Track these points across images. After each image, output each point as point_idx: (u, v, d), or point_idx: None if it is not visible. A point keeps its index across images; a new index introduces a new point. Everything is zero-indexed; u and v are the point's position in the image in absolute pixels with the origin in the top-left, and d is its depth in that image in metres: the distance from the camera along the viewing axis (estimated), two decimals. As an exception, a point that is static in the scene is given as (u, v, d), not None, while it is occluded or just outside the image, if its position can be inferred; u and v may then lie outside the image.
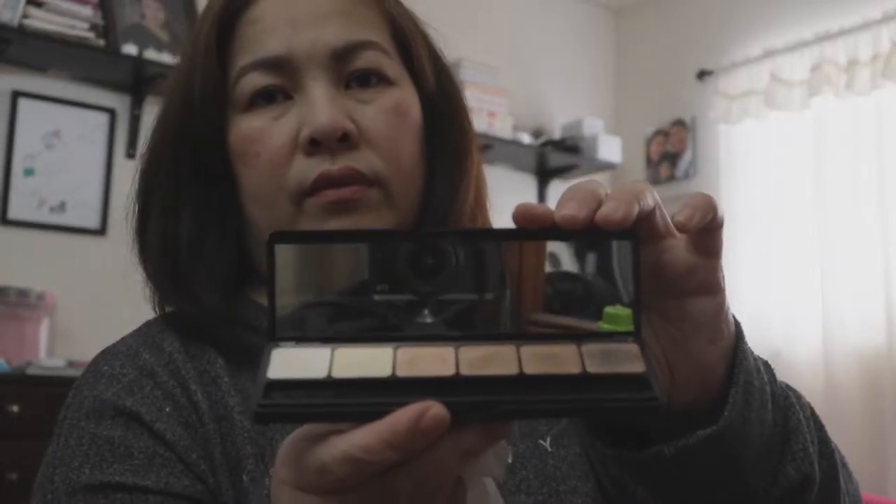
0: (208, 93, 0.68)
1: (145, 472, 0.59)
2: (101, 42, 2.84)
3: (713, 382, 0.49)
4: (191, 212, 0.69)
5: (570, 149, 3.90)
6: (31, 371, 2.45)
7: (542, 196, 4.05)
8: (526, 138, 3.79)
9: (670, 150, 4.16)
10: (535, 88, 4.11)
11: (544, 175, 4.05)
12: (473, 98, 3.44)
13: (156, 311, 0.72)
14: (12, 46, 2.73)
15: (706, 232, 0.46)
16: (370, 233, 0.47)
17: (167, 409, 0.62)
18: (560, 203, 0.43)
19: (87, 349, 0.71)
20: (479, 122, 3.44)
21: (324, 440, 0.38)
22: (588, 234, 0.42)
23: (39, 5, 2.73)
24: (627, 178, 4.31)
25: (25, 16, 2.70)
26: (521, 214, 0.43)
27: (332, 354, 0.40)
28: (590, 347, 0.41)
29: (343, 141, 0.65)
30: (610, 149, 3.94)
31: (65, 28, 2.76)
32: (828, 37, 3.55)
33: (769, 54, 3.74)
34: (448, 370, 0.39)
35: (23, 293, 2.63)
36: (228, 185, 0.69)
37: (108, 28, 2.87)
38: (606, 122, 4.16)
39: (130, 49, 2.84)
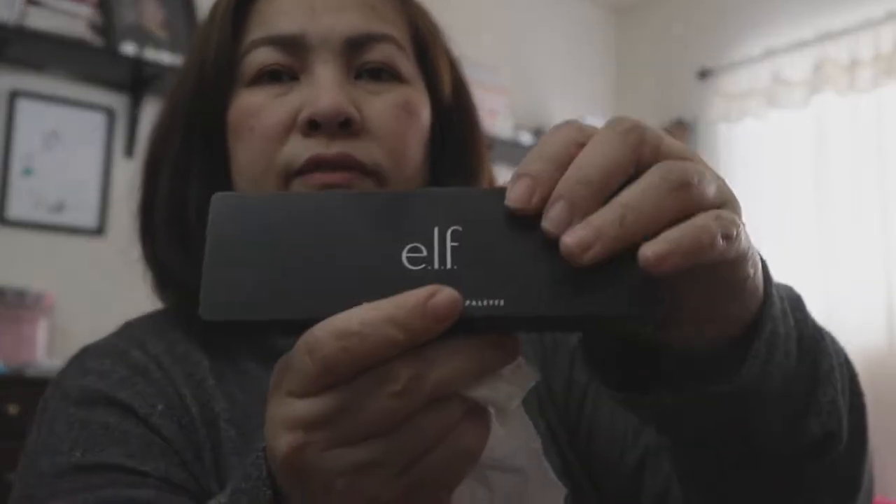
0: (220, 65, 0.66)
1: (143, 459, 0.56)
2: (100, 41, 2.83)
3: (733, 329, 0.42)
4: (199, 184, 0.67)
5: (571, 148, 3.89)
6: (29, 372, 2.44)
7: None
8: (526, 137, 3.78)
9: (671, 150, 4.15)
10: (536, 87, 4.10)
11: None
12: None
13: (155, 293, 0.70)
14: (10, 45, 2.71)
15: (716, 265, 0.37)
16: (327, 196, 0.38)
17: (160, 407, 0.60)
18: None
19: (86, 350, 0.69)
20: (480, 122, 3.43)
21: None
22: None
23: (38, 4, 2.72)
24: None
25: (24, 14, 2.68)
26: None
27: None
28: None
29: (344, 127, 0.62)
30: (610, 148, 3.92)
31: (63, 27, 2.74)
32: (829, 36, 3.55)
33: (770, 54, 3.73)
34: None
35: (21, 293, 2.62)
36: (223, 164, 0.67)
37: (106, 27, 2.86)
38: (607, 122, 4.15)
39: (129, 48, 2.83)
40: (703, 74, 4.00)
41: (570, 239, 0.34)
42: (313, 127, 0.62)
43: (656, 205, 0.35)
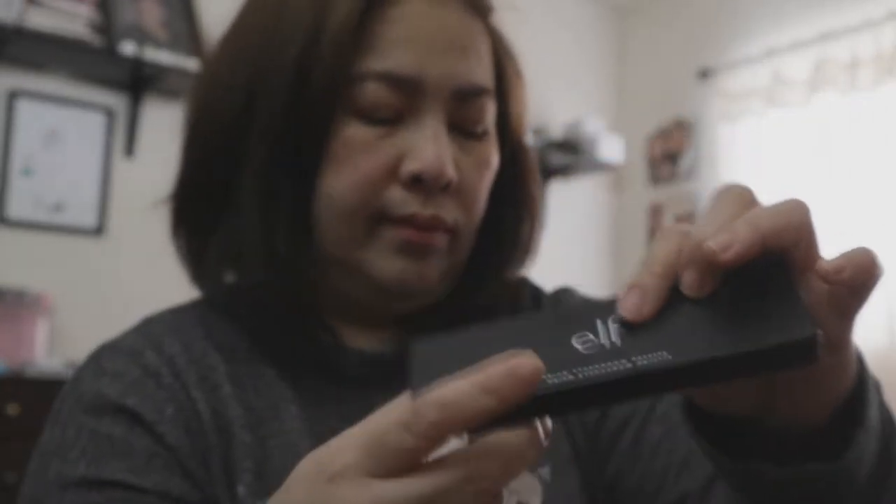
0: (335, 79, 0.63)
1: (144, 472, 0.58)
2: (100, 41, 2.83)
3: (832, 403, 0.45)
4: (287, 200, 0.64)
5: (571, 148, 3.89)
6: (29, 372, 2.44)
7: (542, 196, 4.05)
8: (527, 137, 3.77)
9: (672, 150, 4.15)
10: (536, 87, 4.07)
11: (545, 174, 4.03)
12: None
13: (193, 283, 0.69)
14: (10, 45, 2.71)
15: (853, 292, 0.42)
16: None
17: (169, 412, 0.61)
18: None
19: (86, 350, 0.69)
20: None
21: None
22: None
23: (37, 4, 2.71)
24: (628, 177, 4.29)
25: (23, 14, 2.68)
26: None
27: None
28: None
29: (444, 189, 0.64)
30: (611, 148, 3.92)
31: (63, 27, 2.74)
32: (829, 35, 3.54)
33: (770, 53, 3.73)
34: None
35: (20, 293, 2.62)
36: (309, 183, 0.64)
37: (106, 27, 2.86)
38: (607, 122, 4.15)
39: (129, 48, 2.83)
40: (703, 74, 4.00)
41: (712, 242, 0.37)
42: (417, 181, 0.63)
43: (789, 220, 0.39)
